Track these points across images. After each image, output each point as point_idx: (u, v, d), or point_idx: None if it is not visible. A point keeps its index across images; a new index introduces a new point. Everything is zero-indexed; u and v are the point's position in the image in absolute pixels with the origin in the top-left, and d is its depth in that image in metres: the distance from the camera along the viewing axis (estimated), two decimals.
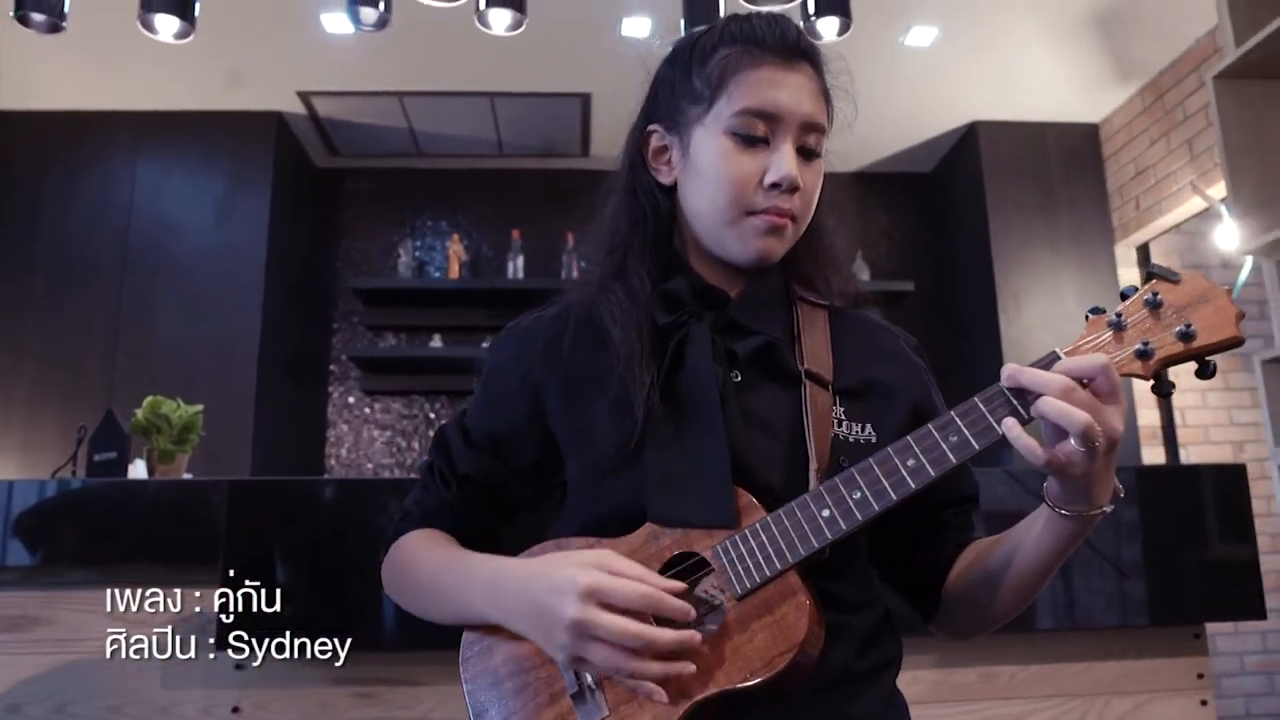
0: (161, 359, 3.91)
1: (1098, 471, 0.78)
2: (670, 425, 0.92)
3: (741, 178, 0.94)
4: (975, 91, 4.19)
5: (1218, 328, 0.76)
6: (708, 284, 0.99)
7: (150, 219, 4.07)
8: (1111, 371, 0.75)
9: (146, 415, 2.03)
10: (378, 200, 4.82)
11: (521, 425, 1.02)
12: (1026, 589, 0.91)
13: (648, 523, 0.90)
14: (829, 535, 0.83)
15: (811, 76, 0.97)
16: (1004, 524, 1.79)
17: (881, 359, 1.02)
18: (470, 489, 1.04)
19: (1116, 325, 0.79)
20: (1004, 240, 4.29)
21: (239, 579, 1.72)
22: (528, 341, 1.04)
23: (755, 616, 0.84)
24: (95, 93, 4.01)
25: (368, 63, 3.85)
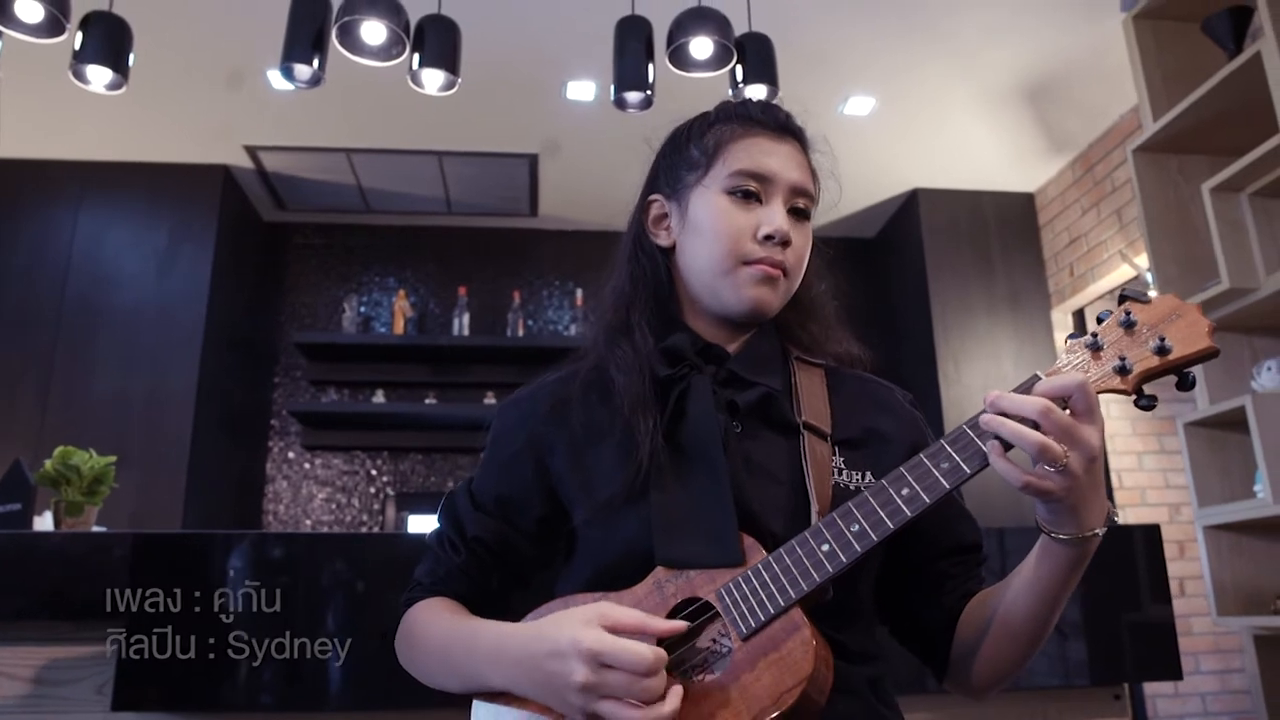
0: (95, 411, 3.84)
1: (1079, 492, 0.79)
2: (674, 470, 0.95)
3: (737, 230, 1.00)
4: (915, 160, 4.31)
5: (1192, 340, 0.78)
6: (706, 341, 1.04)
7: (89, 269, 4.02)
8: (1087, 389, 0.78)
9: (55, 466, 1.97)
10: (325, 255, 4.81)
11: (528, 485, 1.04)
12: (1034, 627, 0.91)
13: (653, 572, 0.92)
14: (829, 569, 0.84)
15: (800, 150, 1.08)
16: None
17: (878, 411, 1.05)
18: (481, 551, 1.05)
19: (1094, 346, 0.81)
20: (944, 304, 4.37)
21: (140, 636, 1.67)
22: (534, 405, 1.08)
23: (761, 655, 0.84)
24: (38, 142, 4.00)
25: (315, 119, 3.88)
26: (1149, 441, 4.40)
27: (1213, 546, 2.78)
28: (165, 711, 1.71)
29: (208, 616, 1.72)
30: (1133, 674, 2.04)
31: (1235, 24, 2.79)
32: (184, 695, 1.69)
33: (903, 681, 1.67)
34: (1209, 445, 2.86)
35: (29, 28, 2.24)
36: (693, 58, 2.45)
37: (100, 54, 2.29)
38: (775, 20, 2.87)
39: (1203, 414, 2.80)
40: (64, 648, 1.76)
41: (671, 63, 2.44)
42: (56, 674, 1.76)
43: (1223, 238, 2.70)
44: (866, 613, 1.00)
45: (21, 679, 1.75)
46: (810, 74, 3.58)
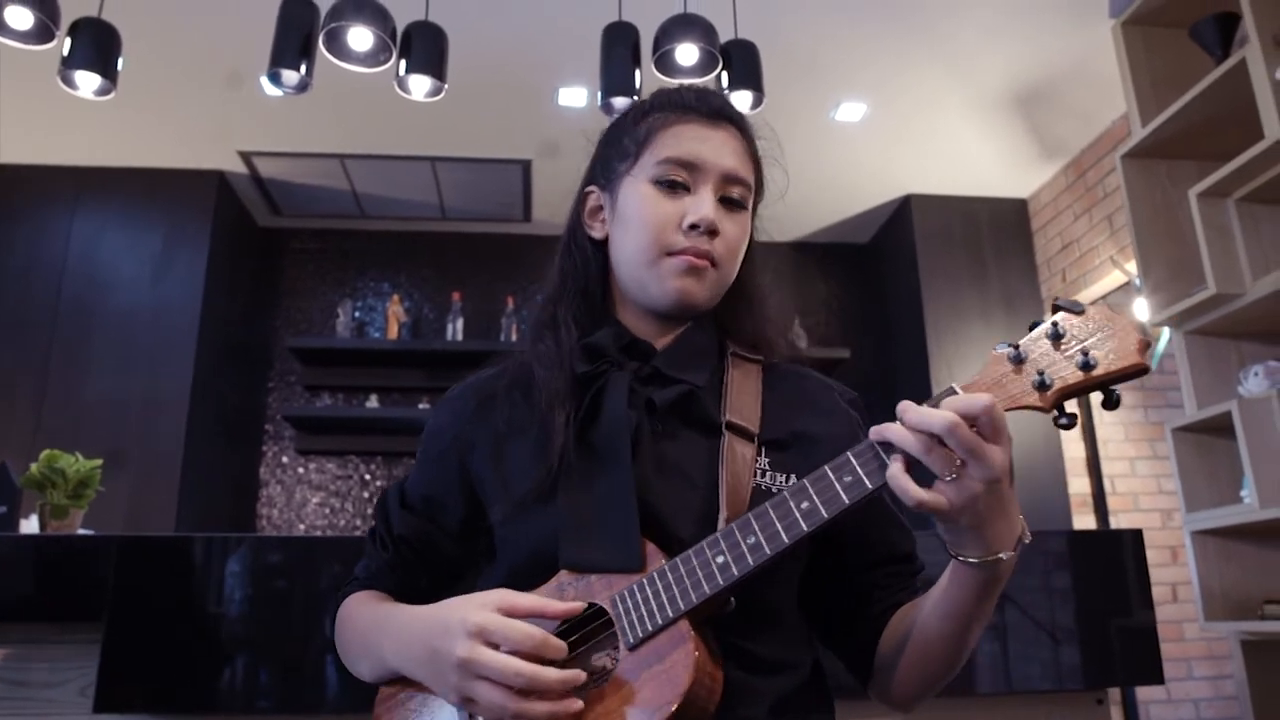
0: (89, 415, 3.85)
1: (980, 512, 0.76)
2: (583, 471, 0.93)
3: (661, 219, 0.98)
4: (907, 166, 4.33)
5: (1120, 356, 0.74)
6: (635, 336, 1.02)
7: (84, 274, 4.04)
8: (994, 411, 0.74)
9: (41, 469, 1.98)
10: (319, 260, 4.82)
11: (451, 485, 1.04)
12: (949, 647, 0.88)
13: (558, 573, 0.90)
14: (720, 582, 0.81)
15: (736, 136, 1.03)
16: None
17: (812, 411, 1.02)
18: (406, 550, 1.05)
19: (1016, 359, 0.77)
20: (937, 309, 4.38)
21: (123, 639, 1.67)
22: (463, 403, 1.07)
23: (645, 666, 0.82)
24: (33, 146, 4.01)
25: (309, 125, 3.89)
26: (1141, 447, 4.40)
27: (1200, 551, 2.78)
28: (149, 714, 1.72)
29: (191, 619, 1.73)
30: (1114, 678, 2.04)
31: (1222, 30, 2.80)
32: (168, 698, 1.69)
33: None
34: (1196, 450, 2.86)
35: (19, 34, 2.26)
36: (678, 64, 2.47)
37: (89, 60, 2.30)
38: (765, 26, 2.89)
39: (1190, 419, 2.81)
40: (47, 649, 1.77)
41: (657, 69, 2.46)
42: (40, 676, 1.77)
43: (1209, 243, 2.71)
44: (787, 620, 0.96)
45: (5, 680, 1.75)
46: (801, 80, 3.59)
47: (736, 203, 1.01)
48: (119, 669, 1.66)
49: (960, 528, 0.79)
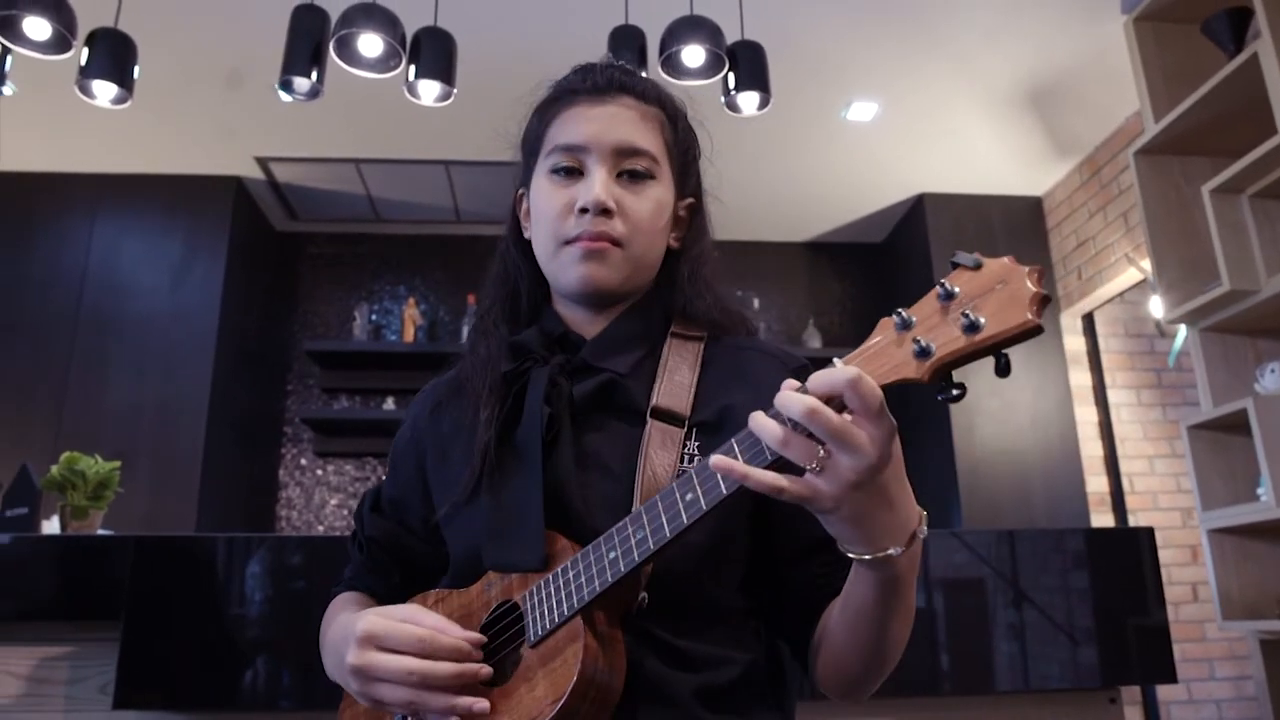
0: (109, 419, 3.90)
1: (857, 504, 0.69)
2: (504, 470, 0.92)
3: (555, 209, 0.96)
4: (921, 165, 4.31)
5: (1007, 315, 0.62)
6: (565, 329, 1.00)
7: (104, 280, 4.10)
8: (861, 386, 0.65)
9: (61, 471, 2.02)
10: (336, 264, 4.87)
11: (412, 484, 1.05)
12: (863, 647, 0.84)
13: (486, 573, 0.91)
14: (609, 578, 0.79)
15: (631, 105, 0.99)
16: (958, 592, 1.75)
17: (741, 385, 0.96)
18: (377, 551, 1.07)
19: (902, 325, 0.68)
20: None
21: (140, 637, 1.70)
22: (420, 407, 1.09)
23: (541, 664, 0.81)
24: (54, 154, 4.08)
25: (324, 130, 3.93)
26: (1160, 445, 4.37)
27: (1217, 550, 2.76)
28: (166, 710, 1.74)
29: (208, 618, 1.76)
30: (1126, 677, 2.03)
31: (1234, 25, 2.78)
32: (185, 695, 1.72)
33: (903, 684, 1.68)
34: (1212, 448, 2.84)
35: (37, 45, 2.30)
36: (685, 65, 2.48)
37: (106, 69, 2.34)
38: (774, 27, 2.90)
39: (1206, 417, 2.79)
40: (68, 647, 1.80)
41: (664, 70, 2.47)
42: (61, 673, 1.80)
43: (1223, 240, 2.69)
44: (725, 616, 0.91)
45: (27, 678, 1.79)
46: (811, 80, 3.60)
47: (639, 174, 0.97)
48: (137, 666, 1.69)
49: (835, 520, 0.72)
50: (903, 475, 0.73)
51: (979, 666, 1.81)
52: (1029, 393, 4.26)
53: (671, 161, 1.02)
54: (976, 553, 1.84)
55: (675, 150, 1.02)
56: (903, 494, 0.73)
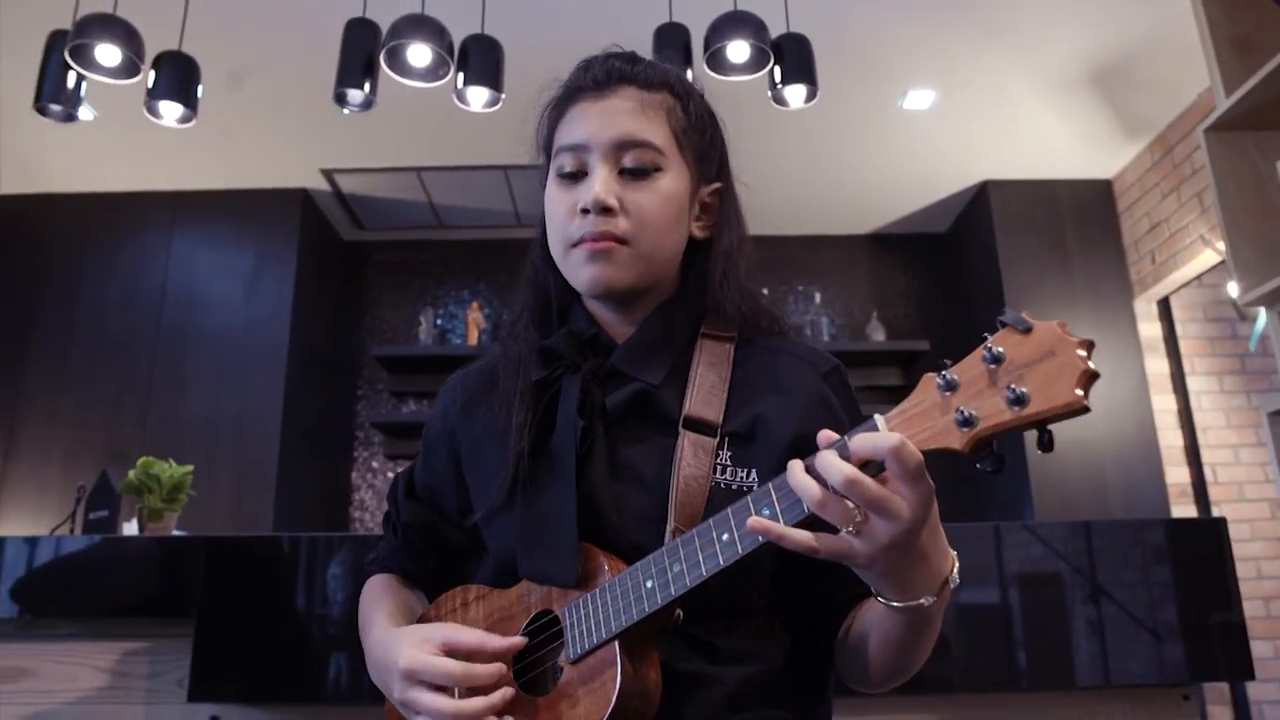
0: (189, 427, 4.06)
1: (891, 561, 0.71)
2: (537, 480, 0.93)
3: (561, 213, 0.96)
4: (983, 151, 4.22)
5: (1054, 392, 0.61)
6: (595, 331, 0.99)
7: (183, 294, 4.27)
8: (903, 453, 0.66)
9: (138, 475, 2.12)
10: (401, 271, 4.98)
11: (447, 477, 1.06)
12: (890, 663, 0.86)
13: (522, 580, 0.92)
14: (646, 608, 0.80)
15: (631, 96, 0.96)
16: (1034, 588, 1.71)
17: (776, 392, 0.94)
18: (412, 536, 1.09)
19: (946, 386, 0.67)
20: (1018, 298, 4.26)
21: (212, 632, 1.78)
22: (451, 397, 1.09)
23: (582, 682, 0.83)
24: (132, 175, 4.26)
25: (386, 140, 4.03)
26: (1245, 434, 4.19)
27: None
28: (240, 703, 1.81)
29: (275, 613, 1.82)
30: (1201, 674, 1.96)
31: None
32: (256, 687, 1.79)
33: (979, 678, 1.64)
34: None
35: (108, 70, 2.42)
36: (730, 61, 2.48)
37: (171, 90, 2.45)
38: (822, 18, 2.88)
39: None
40: (147, 643, 1.89)
41: (709, 67, 2.47)
42: (142, 667, 1.88)
43: None
44: (754, 613, 0.92)
45: (111, 671, 1.88)
46: (864, 70, 3.55)
47: (643, 168, 0.94)
48: (210, 660, 1.76)
49: (871, 574, 0.74)
50: (937, 528, 0.74)
51: (1057, 662, 1.77)
52: (1102, 382, 4.03)
53: (683, 148, 0.98)
54: (1052, 546, 1.79)
55: (688, 135, 0.98)
56: (936, 548, 0.74)
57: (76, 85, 2.49)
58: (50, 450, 4.03)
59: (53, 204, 4.36)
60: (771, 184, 4.44)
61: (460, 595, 0.99)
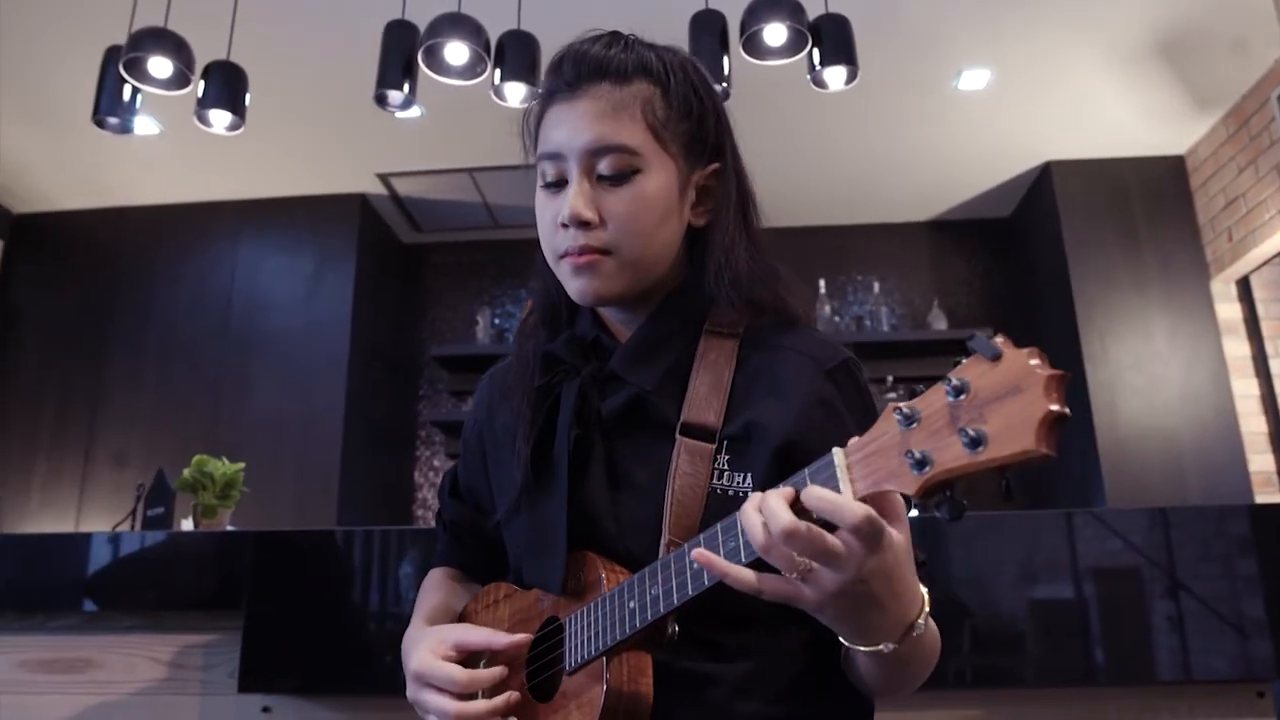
0: (256, 427, 4.18)
1: (841, 610, 0.70)
2: (540, 487, 0.94)
3: (546, 225, 0.94)
4: (1044, 131, 4.09)
5: (1014, 435, 0.55)
6: (596, 335, 0.98)
7: (248, 298, 4.40)
8: (846, 513, 0.64)
9: (192, 473, 2.18)
10: (459, 272, 5.05)
11: (480, 475, 1.08)
12: (883, 685, 0.84)
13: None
14: (626, 630, 0.80)
15: (603, 95, 0.91)
16: (1111, 584, 1.64)
17: (774, 393, 0.90)
18: (459, 533, 1.12)
19: (906, 420, 0.62)
20: (1086, 280, 4.12)
21: (261, 625, 1.82)
22: (483, 395, 1.11)
23: (574, 695, 0.85)
24: (198, 186, 4.41)
25: (438, 143, 4.08)
26: None
27: None
28: (290, 694, 1.85)
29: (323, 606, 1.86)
30: None
31: None
32: (306, 679, 1.82)
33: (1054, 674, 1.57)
34: None
35: (160, 82, 2.50)
36: (767, 45, 2.44)
37: (220, 99, 2.52)
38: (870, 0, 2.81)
39: None
40: (202, 636, 1.94)
41: (746, 52, 2.44)
42: (196, 659, 1.93)
43: None
44: (755, 611, 0.85)
45: (168, 663, 1.93)
46: (917, 52, 3.47)
47: (619, 173, 0.90)
48: (259, 652, 1.80)
49: (825, 618, 0.72)
50: (899, 575, 0.71)
51: (1134, 658, 1.69)
52: (1177, 366, 3.96)
53: (665, 142, 0.92)
54: (1128, 540, 1.70)
55: (670, 125, 0.93)
56: (895, 596, 0.70)
57: (132, 98, 2.58)
58: (127, 451, 4.19)
59: (124, 217, 4.54)
60: (825, 173, 4.37)
61: (494, 592, 1.01)
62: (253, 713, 1.90)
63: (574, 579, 0.89)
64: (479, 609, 1.02)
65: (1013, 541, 1.65)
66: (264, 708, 1.88)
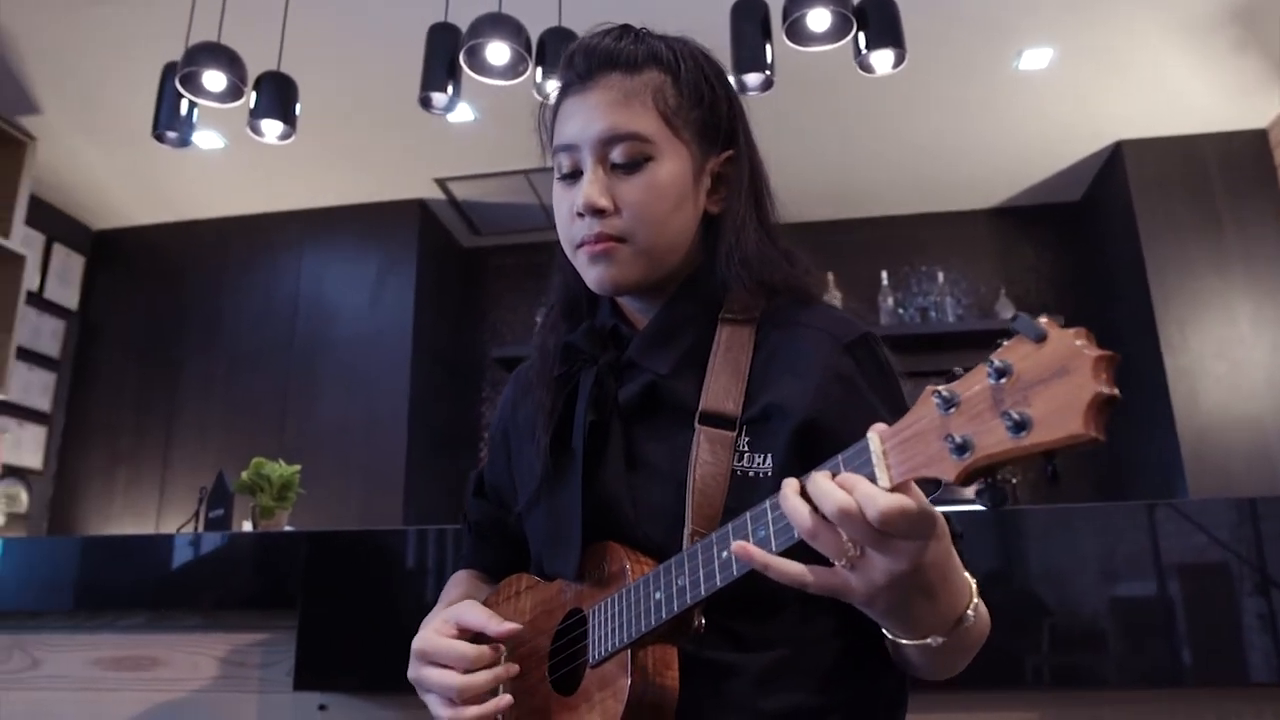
0: (323, 431, 4.28)
1: (891, 602, 0.67)
2: (558, 476, 0.94)
3: (563, 216, 0.96)
4: (1112, 110, 3.92)
5: (1061, 419, 0.53)
6: (615, 324, 0.99)
7: (313, 306, 4.51)
8: (892, 513, 0.61)
9: (250, 475, 2.23)
10: (517, 274, 5.09)
11: (504, 471, 1.10)
12: (928, 672, 0.82)
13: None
14: (652, 621, 0.79)
15: (614, 84, 0.93)
16: (1197, 580, 1.57)
17: (792, 371, 0.90)
18: (483, 532, 1.13)
19: (946, 404, 0.60)
20: (1162, 264, 3.94)
21: (315, 624, 1.85)
22: (509, 392, 1.13)
23: (598, 688, 0.84)
24: (263, 198, 4.53)
25: (492, 146, 4.11)
26: None
27: None
28: (345, 693, 1.88)
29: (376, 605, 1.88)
30: None
31: None
32: (360, 678, 1.85)
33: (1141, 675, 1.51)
34: None
35: (215, 95, 2.57)
36: (810, 31, 2.38)
37: (271, 108, 2.58)
38: None
39: None
40: (261, 634, 1.98)
41: (789, 39, 2.39)
42: (255, 657, 1.98)
43: None
44: (785, 600, 0.86)
45: (228, 661, 1.98)
46: (975, 34, 3.37)
47: (632, 161, 0.91)
48: (313, 651, 1.83)
49: (873, 611, 0.70)
50: (948, 564, 0.69)
51: (1224, 658, 1.60)
52: (1263, 351, 3.76)
53: (677, 129, 0.94)
54: (1213, 534, 1.61)
55: (682, 113, 0.94)
56: (945, 584, 0.69)
57: (189, 112, 2.66)
58: (201, 456, 4.34)
59: (194, 230, 4.70)
60: (884, 162, 4.27)
61: (515, 584, 1.01)
62: (310, 711, 1.93)
63: (597, 569, 0.88)
64: (500, 601, 1.01)
65: (1091, 536, 1.59)
66: (320, 705, 1.91)
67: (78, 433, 4.53)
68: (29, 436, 4.32)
